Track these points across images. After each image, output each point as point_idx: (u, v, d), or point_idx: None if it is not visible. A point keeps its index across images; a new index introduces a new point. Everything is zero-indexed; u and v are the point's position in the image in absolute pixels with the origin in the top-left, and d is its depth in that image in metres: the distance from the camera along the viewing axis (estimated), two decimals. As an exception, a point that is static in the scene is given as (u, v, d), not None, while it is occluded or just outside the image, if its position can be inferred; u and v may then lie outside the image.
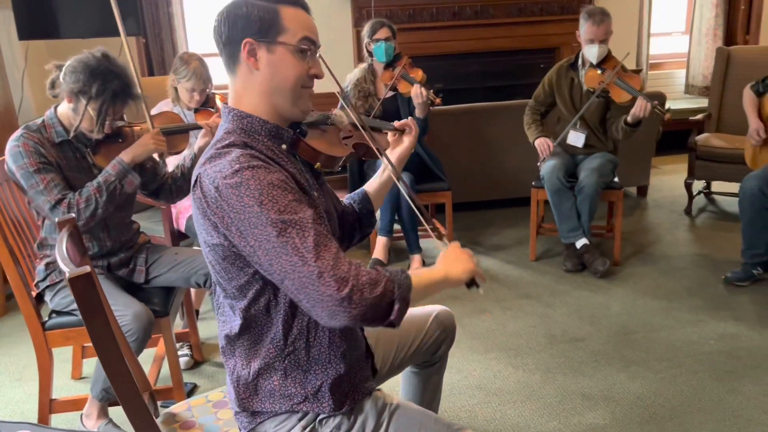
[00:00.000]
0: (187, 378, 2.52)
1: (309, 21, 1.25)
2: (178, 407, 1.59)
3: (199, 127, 2.46)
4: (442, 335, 1.69)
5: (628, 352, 2.63)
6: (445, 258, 1.33)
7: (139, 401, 1.13)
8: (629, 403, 2.30)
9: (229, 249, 1.18)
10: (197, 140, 2.43)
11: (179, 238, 3.00)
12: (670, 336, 2.73)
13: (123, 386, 1.11)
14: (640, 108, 3.07)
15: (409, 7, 5.35)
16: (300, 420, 1.28)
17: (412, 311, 1.68)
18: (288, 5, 1.22)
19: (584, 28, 3.26)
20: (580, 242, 3.29)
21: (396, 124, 1.60)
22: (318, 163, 1.34)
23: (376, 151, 1.48)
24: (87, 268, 1.05)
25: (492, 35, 5.52)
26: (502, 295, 3.18)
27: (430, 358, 1.71)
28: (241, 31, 1.21)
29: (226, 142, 1.21)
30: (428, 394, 1.78)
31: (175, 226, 2.95)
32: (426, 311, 1.69)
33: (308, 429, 1.27)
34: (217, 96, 2.95)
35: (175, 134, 2.39)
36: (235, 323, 1.27)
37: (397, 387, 1.83)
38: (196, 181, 1.19)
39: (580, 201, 3.23)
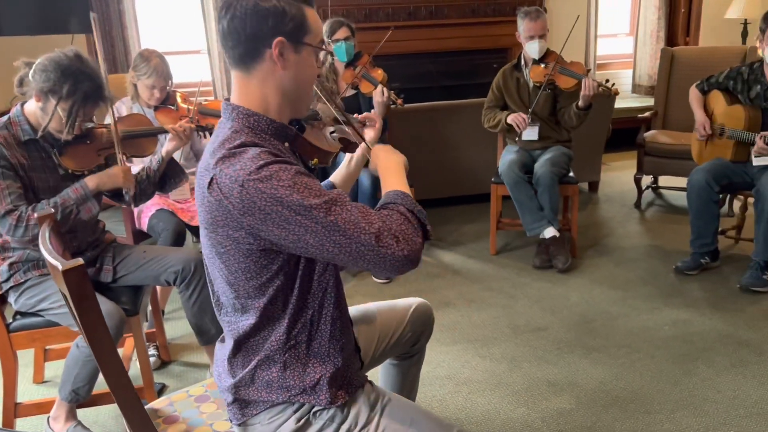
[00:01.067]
0: (155, 378, 2.48)
1: (321, 22, 1.28)
2: (159, 403, 1.58)
3: (167, 132, 2.42)
4: (421, 327, 1.73)
5: (588, 339, 2.73)
6: (384, 157, 1.39)
7: (131, 392, 1.13)
8: (593, 388, 2.39)
9: (257, 247, 1.17)
10: (165, 144, 2.40)
11: (141, 237, 2.96)
12: (628, 323, 2.85)
13: (115, 377, 1.11)
14: (588, 87, 3.20)
15: (365, 7, 5.39)
16: (295, 412, 1.29)
17: (392, 303, 1.72)
18: (309, 6, 1.23)
19: (523, 26, 3.39)
20: (548, 233, 3.38)
21: (359, 117, 1.63)
22: (315, 159, 1.36)
23: (358, 143, 1.51)
24: (80, 260, 1.04)
25: (446, 35, 5.62)
26: (466, 287, 3.26)
27: (409, 349, 1.75)
28: (273, 28, 1.18)
29: (238, 141, 1.18)
30: (407, 385, 1.82)
31: (137, 225, 2.90)
32: (405, 303, 1.73)
33: (302, 421, 1.29)
34: (177, 93, 2.91)
35: (143, 137, 2.36)
36: (246, 322, 1.26)
37: (376, 380, 1.86)
38: (210, 183, 1.16)
39: (540, 193, 3.34)
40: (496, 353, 2.65)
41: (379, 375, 1.84)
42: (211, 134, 2.83)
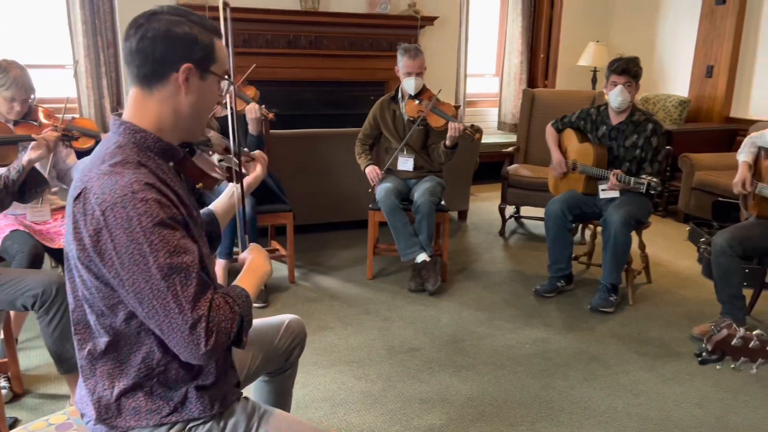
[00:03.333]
0: (7, 412, 2.28)
1: (227, 53, 1.31)
2: (15, 434, 1.46)
3: (31, 139, 2.28)
4: (294, 342, 1.75)
5: (458, 358, 2.87)
6: (255, 257, 1.44)
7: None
8: (461, 404, 2.51)
9: (101, 268, 1.15)
10: (27, 153, 2.25)
11: (-6, 260, 2.72)
12: (493, 342, 3.03)
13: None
14: (454, 129, 3.42)
15: (244, 32, 5.38)
16: (170, 428, 1.26)
17: (265, 320, 1.73)
18: (218, 37, 1.26)
19: (402, 62, 3.58)
20: (420, 258, 3.52)
21: (252, 153, 1.69)
22: (200, 183, 1.36)
23: (240, 175, 1.55)
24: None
25: (326, 66, 5.74)
26: (343, 312, 3.30)
27: (282, 365, 1.76)
28: (183, 55, 1.20)
29: (119, 158, 1.16)
30: (281, 400, 1.82)
31: (-12, 247, 2.67)
32: (278, 320, 1.75)
33: None
34: (40, 109, 2.75)
35: (3, 145, 2.20)
36: (100, 340, 1.22)
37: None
38: (80, 193, 1.14)
39: (418, 220, 3.48)
40: (372, 374, 2.71)
41: (251, 392, 1.82)
42: (73, 147, 2.70)
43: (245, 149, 1.68)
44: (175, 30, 1.20)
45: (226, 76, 1.29)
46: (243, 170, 1.57)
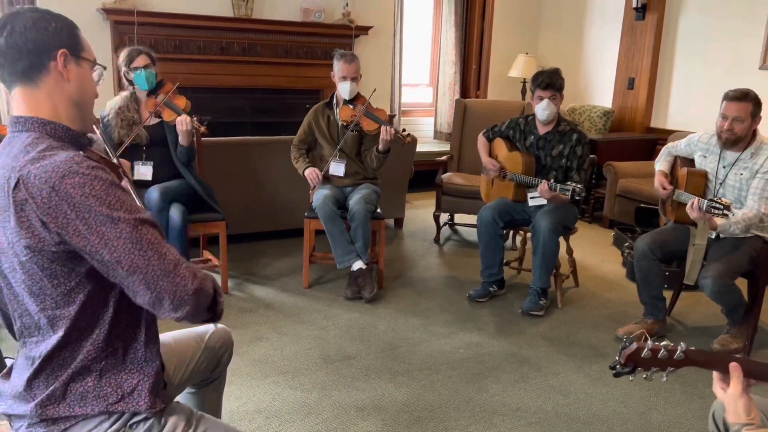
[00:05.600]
0: None
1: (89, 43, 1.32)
2: None
3: None
4: (222, 350, 1.73)
5: (394, 364, 2.89)
6: None
7: None
8: (397, 410, 2.53)
9: (62, 249, 1.13)
10: None
11: None
12: (428, 348, 3.07)
13: None
14: (386, 132, 3.47)
15: (174, 38, 5.28)
16: (112, 424, 1.23)
17: (189, 330, 1.69)
18: (76, 29, 1.28)
19: (337, 67, 3.61)
20: (356, 265, 3.53)
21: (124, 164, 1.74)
22: None
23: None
24: None
25: (260, 73, 5.69)
26: (278, 321, 3.27)
27: (209, 375, 1.73)
28: (55, 41, 1.21)
29: (44, 145, 1.16)
30: (209, 412, 1.78)
31: None
32: (202, 329, 1.72)
33: None
34: None
35: None
36: (51, 339, 1.20)
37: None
38: (17, 182, 1.11)
39: (354, 227, 3.49)
40: (307, 383, 2.69)
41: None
42: None
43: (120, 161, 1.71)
44: (41, 22, 1.21)
45: (98, 63, 1.31)
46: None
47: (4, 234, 1.16)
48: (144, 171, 3.35)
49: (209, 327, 1.72)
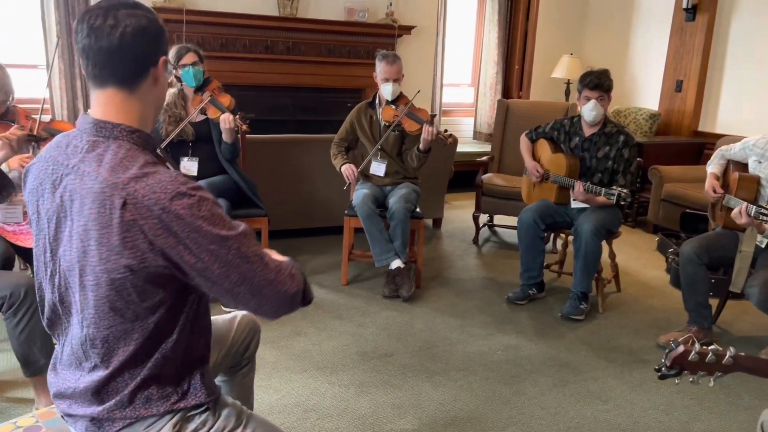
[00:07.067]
0: (-29, 417, 2.24)
1: None
2: (-20, 437, 1.44)
3: None
4: (250, 334, 1.76)
5: (430, 364, 2.89)
6: None
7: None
8: (434, 409, 2.53)
9: (160, 269, 1.14)
10: None
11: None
12: (465, 348, 3.06)
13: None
14: (427, 133, 3.46)
15: (221, 36, 5.37)
16: (172, 418, 1.27)
17: (216, 317, 1.72)
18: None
19: (380, 68, 3.62)
20: (394, 264, 3.54)
21: None
22: None
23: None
24: None
25: (303, 72, 5.74)
26: (317, 317, 3.30)
27: (240, 359, 1.77)
28: (160, 47, 1.22)
29: (141, 160, 1.16)
30: (242, 398, 1.82)
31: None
32: (229, 315, 1.76)
33: (177, 426, 1.27)
34: (19, 110, 2.71)
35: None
36: (126, 349, 1.20)
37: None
38: (124, 203, 1.10)
39: (393, 226, 3.51)
40: (344, 379, 2.71)
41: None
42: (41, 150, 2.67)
43: None
44: (147, 24, 1.19)
45: (170, 63, 1.35)
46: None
47: (98, 250, 1.13)
48: (189, 166, 3.42)
49: (237, 312, 1.75)
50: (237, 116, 3.28)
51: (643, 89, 6.27)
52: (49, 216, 1.22)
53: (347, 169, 3.65)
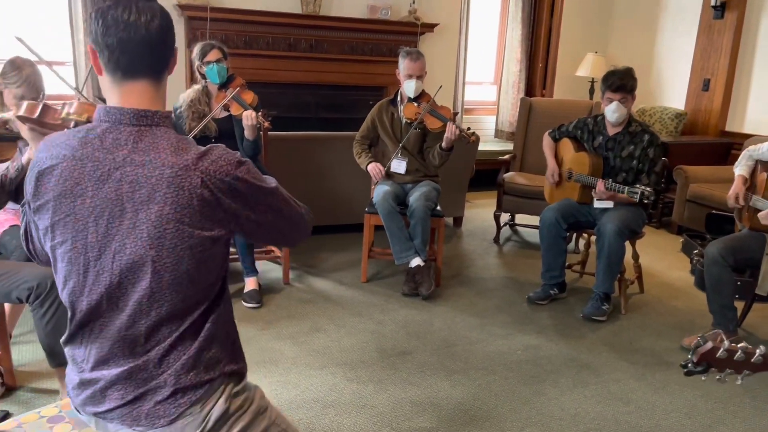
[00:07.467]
0: (-2, 406, 2.29)
1: None
2: (6, 425, 1.47)
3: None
4: None
5: (450, 362, 2.88)
6: None
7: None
8: (452, 408, 2.52)
9: (230, 233, 1.27)
10: (26, 152, 2.25)
11: (-10, 253, 2.72)
12: (485, 348, 3.04)
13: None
14: (450, 132, 3.45)
15: (245, 34, 5.41)
16: (221, 394, 1.32)
17: None
18: None
19: (403, 65, 3.61)
20: (414, 262, 3.54)
21: None
22: None
23: None
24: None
25: (325, 69, 5.76)
26: (336, 313, 3.31)
27: None
28: (173, 38, 1.27)
29: (187, 139, 1.25)
30: None
31: (-15, 240, 2.67)
32: None
33: (228, 403, 1.33)
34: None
35: (3, 141, 2.21)
36: (196, 314, 1.28)
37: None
38: (203, 182, 1.17)
39: (413, 224, 3.50)
40: (363, 376, 2.72)
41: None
42: None
43: None
44: (168, 16, 1.25)
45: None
46: None
47: (177, 231, 1.18)
48: (212, 162, 3.44)
49: None
50: (260, 113, 3.30)
51: (669, 88, 6.17)
52: (96, 214, 1.20)
53: (374, 168, 3.65)
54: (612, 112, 3.34)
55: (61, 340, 1.34)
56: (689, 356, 1.34)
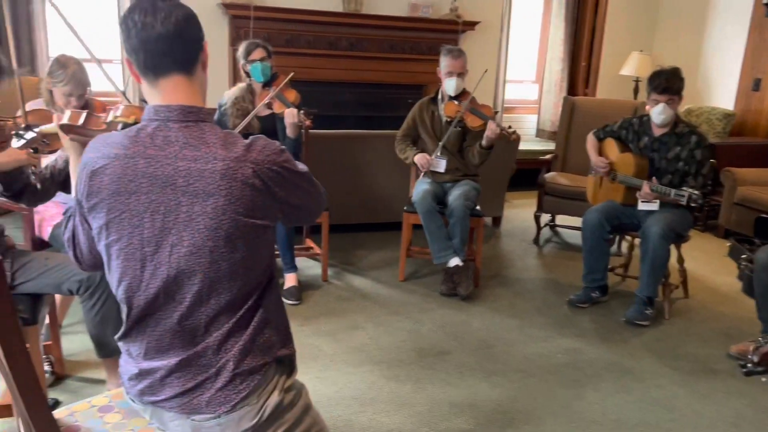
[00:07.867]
0: (48, 394, 2.36)
1: None
2: (59, 413, 1.52)
3: None
4: None
5: (488, 363, 2.86)
6: None
7: (39, 394, 1.10)
8: (491, 410, 2.51)
9: (270, 225, 1.31)
10: None
11: (41, 246, 2.81)
12: (524, 349, 3.01)
13: (24, 380, 1.07)
14: (491, 130, 3.42)
15: (287, 32, 5.46)
16: (276, 384, 1.37)
17: None
18: None
19: (444, 62, 3.59)
20: (452, 262, 3.52)
21: None
22: None
23: None
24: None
25: (365, 68, 5.78)
26: (374, 312, 3.32)
27: None
28: (203, 33, 1.30)
29: (233, 133, 1.29)
30: None
31: (37, 233, 2.76)
32: None
33: (282, 393, 1.38)
34: (96, 103, 2.83)
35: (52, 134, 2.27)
36: (251, 300, 1.33)
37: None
38: (254, 173, 1.23)
39: (452, 224, 3.49)
40: (401, 375, 2.72)
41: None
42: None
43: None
44: (190, 11, 1.28)
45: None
46: None
47: (234, 221, 1.22)
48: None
49: None
50: (301, 111, 3.33)
51: (718, 88, 6.00)
52: (152, 209, 1.23)
53: (421, 158, 3.63)
54: (658, 114, 3.26)
55: (116, 336, 1.38)
56: (749, 356, 1.30)
